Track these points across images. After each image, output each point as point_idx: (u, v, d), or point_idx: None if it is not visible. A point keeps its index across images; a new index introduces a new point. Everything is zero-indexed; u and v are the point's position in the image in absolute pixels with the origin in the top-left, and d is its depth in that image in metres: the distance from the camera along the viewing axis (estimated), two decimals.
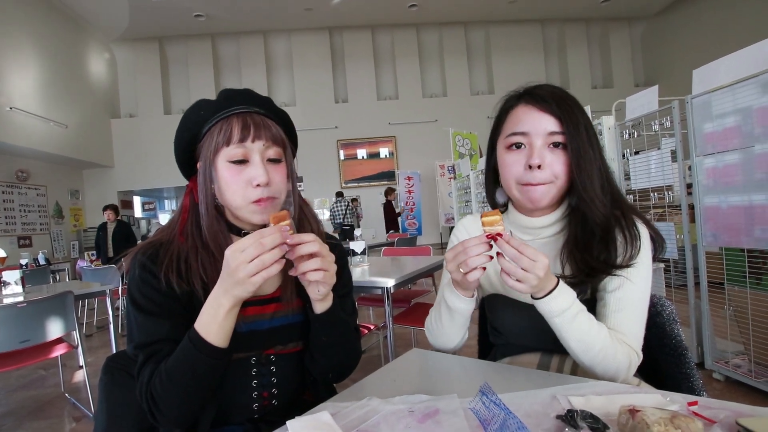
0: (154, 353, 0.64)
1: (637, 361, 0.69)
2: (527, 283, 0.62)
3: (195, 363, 0.61)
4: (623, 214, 0.74)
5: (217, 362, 0.62)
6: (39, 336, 1.96)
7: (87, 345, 3.83)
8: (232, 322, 0.62)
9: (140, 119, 9.16)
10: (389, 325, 1.82)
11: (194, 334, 0.61)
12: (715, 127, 2.01)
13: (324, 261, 0.62)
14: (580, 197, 0.72)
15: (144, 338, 0.65)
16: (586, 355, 0.67)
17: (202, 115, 0.70)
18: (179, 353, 0.62)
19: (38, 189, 7.38)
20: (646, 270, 0.73)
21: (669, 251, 2.34)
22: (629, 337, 0.70)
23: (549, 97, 0.72)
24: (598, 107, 3.33)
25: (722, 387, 2.05)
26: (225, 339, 0.62)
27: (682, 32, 9.01)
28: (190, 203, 0.73)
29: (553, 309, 0.66)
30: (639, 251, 0.71)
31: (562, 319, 0.66)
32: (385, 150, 9.65)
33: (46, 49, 7.00)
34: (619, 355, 0.67)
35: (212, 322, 0.61)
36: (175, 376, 0.61)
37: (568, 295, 0.66)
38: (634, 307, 0.71)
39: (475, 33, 10.08)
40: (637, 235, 0.72)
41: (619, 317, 0.70)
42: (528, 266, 0.61)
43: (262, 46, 9.62)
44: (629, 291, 0.71)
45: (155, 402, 0.62)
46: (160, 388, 0.61)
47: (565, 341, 0.68)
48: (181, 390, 0.61)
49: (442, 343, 0.83)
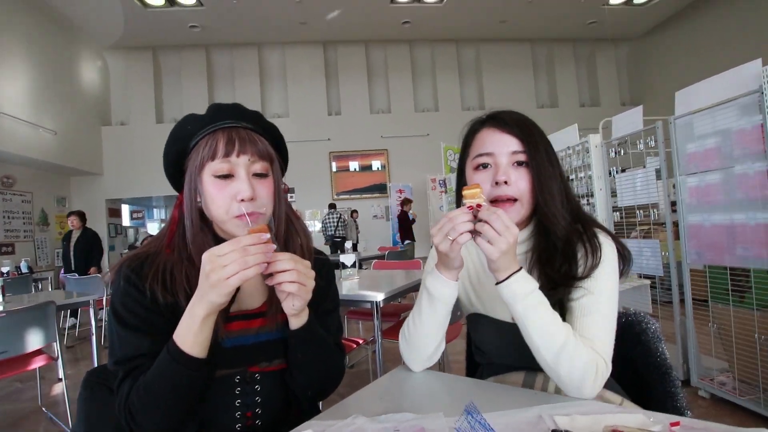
0: (134, 368, 0.63)
1: (605, 371, 0.67)
2: (497, 246, 0.64)
3: (172, 374, 0.60)
4: (584, 228, 0.77)
5: (195, 374, 0.61)
6: (17, 347, 1.91)
7: (67, 356, 3.73)
8: (208, 331, 0.61)
9: (131, 127, 9.08)
10: (378, 340, 1.81)
11: (172, 345, 0.60)
12: (697, 148, 2.08)
13: (299, 275, 0.61)
14: (541, 212, 0.77)
15: (125, 353, 0.64)
16: (549, 351, 0.66)
17: (189, 129, 0.71)
18: (157, 365, 0.61)
19: (24, 195, 7.23)
20: (611, 281, 0.74)
21: (654, 268, 2.37)
22: (596, 343, 0.69)
23: (510, 120, 0.79)
24: (586, 125, 3.40)
25: (708, 405, 2.07)
26: (202, 349, 0.61)
27: (667, 54, 9.31)
28: (179, 216, 0.73)
29: (516, 291, 0.67)
30: (600, 261, 0.73)
31: (525, 304, 0.67)
32: (377, 163, 9.69)
33: (37, 55, 6.94)
34: (584, 356, 0.66)
35: (188, 332, 0.60)
36: (152, 389, 0.60)
37: (531, 282, 0.68)
38: (600, 314, 0.71)
39: (466, 50, 10.28)
40: (597, 246, 0.75)
41: (584, 322, 0.71)
42: (501, 229, 0.64)
43: (257, 58, 9.68)
44: (594, 298, 0.72)
45: (133, 417, 0.61)
46: (137, 402, 0.60)
47: (528, 334, 0.67)
48: (159, 403, 0.60)
49: (416, 351, 0.80)
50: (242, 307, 0.74)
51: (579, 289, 0.73)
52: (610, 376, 0.79)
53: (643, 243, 2.47)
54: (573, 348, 0.66)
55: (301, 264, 0.62)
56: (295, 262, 0.61)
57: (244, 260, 0.56)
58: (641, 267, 2.49)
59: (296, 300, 0.64)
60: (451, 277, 0.74)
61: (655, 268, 2.38)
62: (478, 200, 0.67)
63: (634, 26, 9.64)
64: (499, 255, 0.65)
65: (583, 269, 0.73)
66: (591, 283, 0.72)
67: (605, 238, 0.77)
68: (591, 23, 9.36)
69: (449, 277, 0.74)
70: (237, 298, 0.73)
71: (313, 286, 0.64)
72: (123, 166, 8.74)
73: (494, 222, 0.64)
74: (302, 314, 0.68)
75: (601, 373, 0.67)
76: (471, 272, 0.88)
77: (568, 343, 0.66)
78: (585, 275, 0.73)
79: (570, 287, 0.73)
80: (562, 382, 0.67)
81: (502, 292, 0.68)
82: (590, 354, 0.66)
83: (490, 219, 0.64)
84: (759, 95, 1.72)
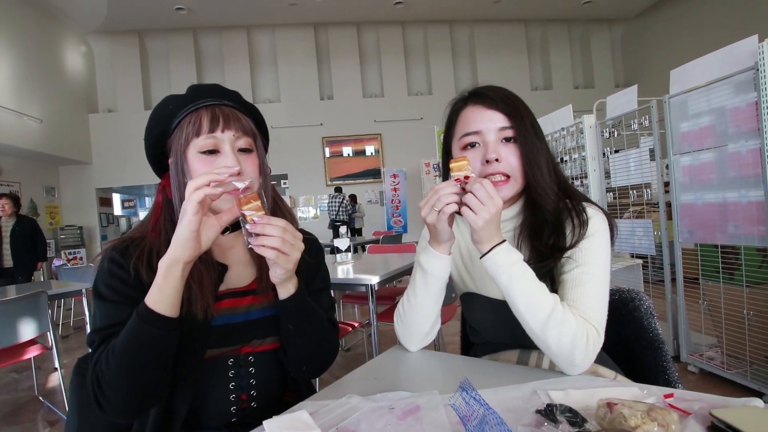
0: (109, 336, 0.62)
1: (596, 339, 0.66)
2: (480, 214, 0.64)
3: (137, 333, 0.58)
4: (572, 203, 0.78)
5: (160, 333, 0.58)
6: (10, 338, 1.89)
7: (63, 346, 3.72)
8: (172, 285, 0.59)
9: (119, 114, 8.89)
10: (373, 323, 1.81)
11: (141, 305, 0.59)
12: (691, 127, 2.07)
13: (283, 242, 0.61)
14: (531, 187, 0.76)
15: (102, 323, 0.64)
16: (536, 321, 0.65)
17: (171, 109, 0.70)
18: (127, 326, 0.60)
19: (11, 186, 7.10)
20: (602, 252, 0.73)
21: (647, 248, 2.39)
22: (587, 312, 0.68)
23: (495, 96, 0.77)
24: (580, 107, 3.39)
25: (696, 379, 2.12)
26: (168, 305, 0.59)
27: (661, 34, 9.24)
28: (162, 200, 0.73)
29: (499, 262, 0.67)
30: (587, 232, 0.73)
31: (509, 275, 0.66)
32: (371, 147, 9.62)
33: (19, 41, 6.72)
34: (572, 325, 0.64)
35: (153, 286, 0.59)
36: (118, 351, 0.58)
37: (514, 253, 0.68)
38: (591, 284, 0.71)
39: (460, 31, 10.12)
40: (585, 220, 0.75)
41: (576, 293, 0.70)
42: (484, 198, 0.64)
43: (246, 42, 9.46)
44: (585, 269, 0.72)
45: (100, 384, 0.59)
46: (104, 366, 0.58)
47: (515, 305, 0.67)
48: (124, 367, 0.58)
49: (412, 329, 0.80)
50: (231, 285, 0.74)
51: (569, 261, 0.73)
52: (603, 351, 0.79)
53: (635, 223, 2.49)
54: (561, 316, 0.65)
55: (289, 234, 0.61)
56: (284, 231, 0.61)
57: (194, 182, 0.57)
58: (633, 246, 2.51)
59: (277, 268, 0.64)
60: (443, 251, 0.75)
61: (647, 248, 2.40)
62: (465, 172, 0.67)
63: (628, 6, 9.53)
64: (482, 224, 0.65)
65: (571, 239, 0.74)
66: (581, 255, 0.72)
67: (595, 211, 0.77)
68: (586, 3, 9.24)
69: (441, 251, 0.75)
70: (226, 277, 0.72)
71: (296, 258, 0.64)
72: (112, 155, 8.59)
73: (477, 191, 0.65)
74: (288, 284, 0.68)
75: (593, 340, 0.65)
76: (463, 251, 0.88)
77: (555, 311, 0.65)
78: (572, 245, 0.73)
79: (558, 259, 0.73)
80: (553, 353, 0.66)
81: (486, 265, 0.68)
82: (580, 322, 0.66)
83: (473, 188, 0.65)
84: (754, 72, 1.71)
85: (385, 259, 2.47)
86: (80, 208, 8.64)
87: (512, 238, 0.81)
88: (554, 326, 0.64)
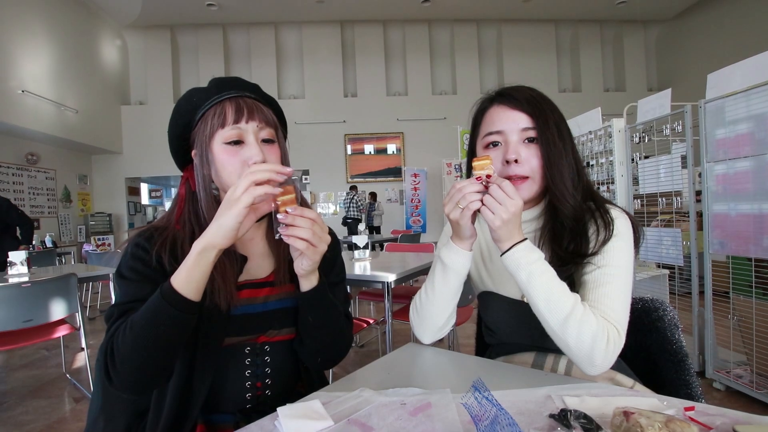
0: (128, 310, 0.63)
1: (618, 340, 0.65)
2: (498, 214, 0.65)
3: (158, 311, 0.58)
4: (596, 205, 0.76)
5: (180, 315, 0.58)
6: (42, 316, 1.99)
7: (89, 328, 3.88)
8: (202, 270, 0.59)
9: (150, 106, 9.18)
10: (388, 320, 1.82)
11: (165, 284, 0.60)
12: (728, 133, 1.98)
13: (313, 235, 0.62)
14: (549, 190, 0.75)
15: (122, 299, 0.65)
16: (555, 319, 0.64)
17: (195, 102, 0.72)
18: (148, 302, 0.60)
19: (48, 173, 7.44)
20: (625, 254, 0.72)
21: (674, 258, 2.31)
22: (609, 312, 0.67)
23: (520, 96, 0.77)
24: (609, 110, 3.29)
25: (722, 396, 2.03)
26: (192, 288, 0.59)
27: (699, 37, 8.86)
28: (186, 192, 0.74)
29: (519, 259, 0.66)
30: (612, 234, 0.72)
31: (528, 272, 0.66)
32: (393, 146, 9.61)
33: (58, 34, 7.03)
34: (593, 324, 0.63)
35: (182, 267, 0.60)
36: (137, 326, 0.59)
37: (535, 251, 0.68)
38: (613, 285, 0.69)
39: (487, 31, 9.98)
40: (609, 221, 0.73)
41: (597, 293, 0.69)
42: (502, 198, 0.65)
43: (273, 38, 9.60)
44: (607, 270, 0.71)
45: (113, 356, 0.60)
46: (121, 340, 0.59)
47: (534, 302, 0.66)
48: (140, 343, 0.58)
49: (427, 321, 0.81)
50: (250, 276, 0.75)
51: (590, 264, 0.72)
52: (621, 359, 0.77)
53: (663, 232, 2.40)
54: (581, 315, 0.64)
55: (318, 226, 0.63)
56: (314, 223, 0.62)
57: (253, 175, 0.58)
58: (660, 256, 2.42)
59: (305, 259, 0.65)
60: (465, 247, 0.75)
61: (675, 258, 2.31)
62: (487, 171, 0.68)
63: (666, 7, 9.18)
64: (500, 224, 0.65)
65: (594, 245, 0.72)
66: (604, 256, 0.71)
67: (619, 212, 0.76)
68: (620, 3, 8.96)
69: (463, 247, 0.75)
70: (245, 268, 0.74)
71: (323, 251, 0.65)
72: (142, 145, 8.88)
73: (496, 191, 0.65)
74: (312, 277, 0.70)
75: (614, 341, 0.64)
76: (483, 249, 0.88)
77: (575, 310, 0.64)
78: (595, 251, 0.72)
79: (579, 264, 0.73)
80: (572, 352, 0.65)
81: (506, 262, 0.68)
82: (600, 321, 0.65)
83: (491, 188, 0.66)
84: None
85: (402, 257, 2.46)
86: (110, 196, 8.98)
87: (533, 239, 0.80)
88: (574, 325, 0.63)
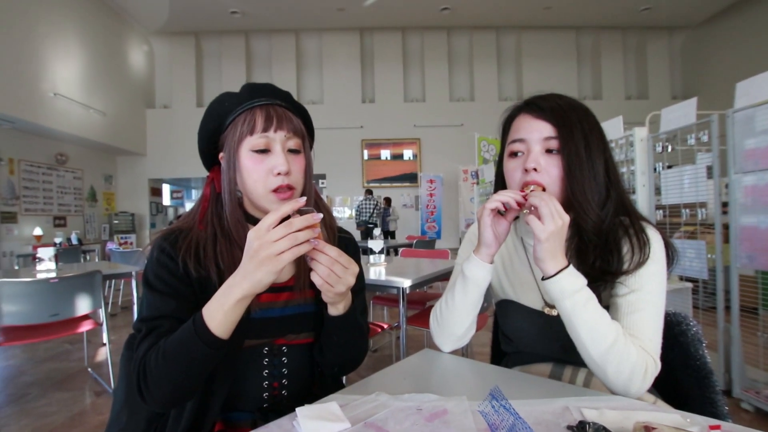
0: (155, 328, 0.64)
1: (654, 370, 0.65)
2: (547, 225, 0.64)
3: (192, 348, 0.59)
4: (631, 221, 0.74)
5: (213, 352, 0.59)
6: (67, 311, 2.05)
7: (111, 324, 3.99)
8: (238, 313, 0.60)
9: (173, 110, 9.45)
10: (402, 326, 1.81)
11: (199, 319, 0.59)
12: (758, 144, 1.92)
13: (330, 275, 0.61)
14: (570, 204, 0.73)
15: (150, 313, 0.66)
16: (597, 350, 0.64)
17: (227, 106, 0.72)
18: (180, 334, 0.61)
19: (75, 172, 7.72)
20: (660, 277, 0.70)
21: (698, 271, 2.24)
22: (645, 341, 0.66)
23: (545, 106, 0.76)
24: (631, 118, 3.22)
25: (751, 418, 1.95)
26: (227, 330, 0.60)
27: (726, 44, 8.62)
28: (210, 193, 0.75)
29: (564, 288, 0.65)
30: (648, 257, 0.70)
31: (573, 301, 0.65)
32: (409, 152, 9.63)
33: (89, 39, 7.32)
34: (633, 356, 0.63)
35: (219, 310, 0.58)
36: (169, 356, 0.60)
37: (580, 278, 0.66)
38: (648, 312, 0.68)
39: (506, 38, 9.94)
40: (645, 241, 0.71)
41: (632, 319, 0.68)
42: (552, 209, 0.64)
43: (294, 44, 9.78)
44: (642, 295, 0.69)
45: (146, 377, 0.61)
46: (153, 365, 0.60)
47: (575, 331, 0.65)
48: (173, 372, 0.60)
49: (447, 330, 0.82)
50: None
51: (623, 285, 0.70)
52: None
53: (687, 244, 2.33)
54: (623, 347, 0.64)
55: (339, 266, 0.61)
56: (333, 262, 0.61)
57: (295, 236, 0.55)
58: (683, 269, 2.35)
59: (327, 291, 0.64)
60: (485, 258, 0.75)
61: (699, 271, 2.24)
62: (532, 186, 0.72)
63: (692, 13, 8.97)
64: (547, 235, 0.64)
65: (629, 265, 0.70)
66: (638, 280, 0.69)
67: (654, 233, 0.73)
68: (644, 9, 8.80)
69: (483, 258, 0.75)
70: None
71: (349, 284, 0.64)
72: (165, 148, 9.14)
73: (545, 205, 0.65)
74: (337, 305, 0.69)
75: (651, 372, 0.65)
76: (505, 258, 0.88)
77: (618, 342, 0.64)
78: (629, 271, 0.69)
79: (609, 283, 0.70)
80: (609, 381, 0.65)
81: (551, 288, 0.66)
82: (640, 353, 0.64)
83: (542, 201, 0.66)
84: None
85: (417, 263, 2.46)
86: (133, 196, 9.26)
87: None
88: (615, 357, 0.63)
